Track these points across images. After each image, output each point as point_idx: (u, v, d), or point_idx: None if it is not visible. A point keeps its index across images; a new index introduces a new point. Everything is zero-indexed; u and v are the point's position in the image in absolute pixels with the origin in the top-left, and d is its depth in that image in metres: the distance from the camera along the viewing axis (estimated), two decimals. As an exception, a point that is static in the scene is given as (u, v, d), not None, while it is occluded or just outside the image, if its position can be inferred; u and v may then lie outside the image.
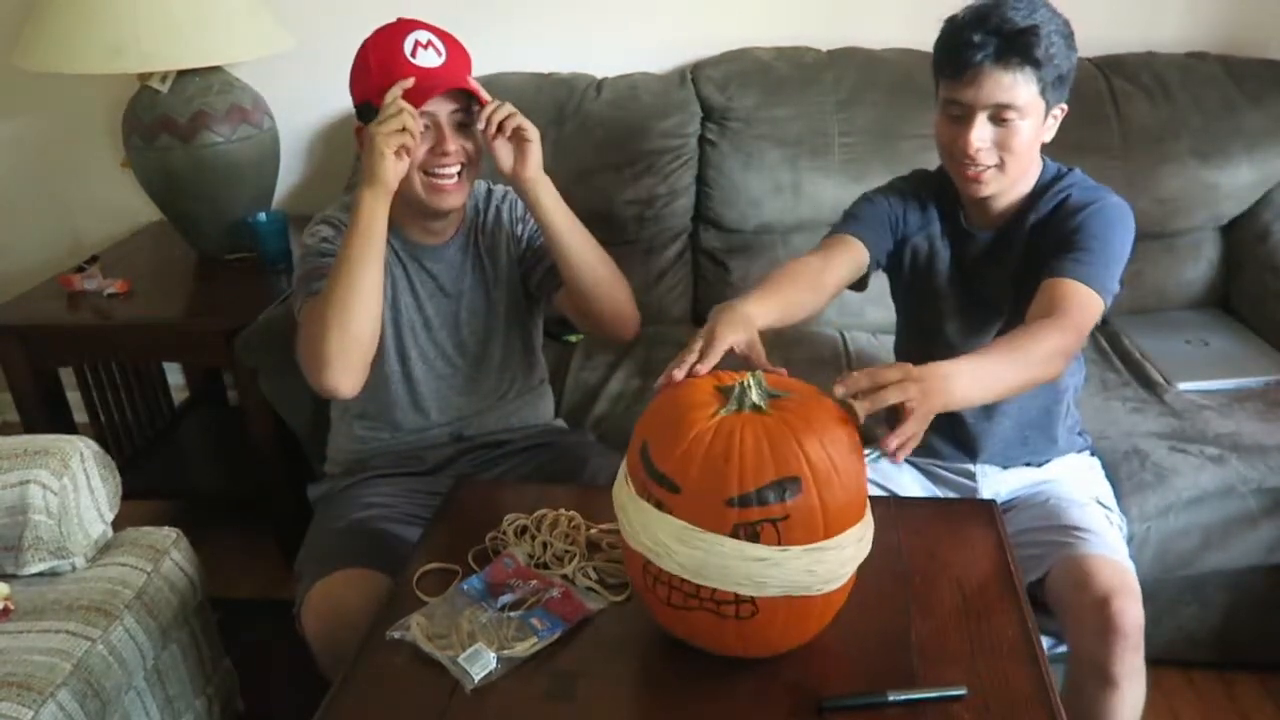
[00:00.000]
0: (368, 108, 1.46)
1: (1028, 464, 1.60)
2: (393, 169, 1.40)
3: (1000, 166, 1.39)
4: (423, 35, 1.45)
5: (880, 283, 1.84)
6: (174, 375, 2.77)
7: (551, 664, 1.11)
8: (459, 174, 1.48)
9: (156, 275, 2.31)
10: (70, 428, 2.23)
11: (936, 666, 1.07)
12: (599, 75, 2.36)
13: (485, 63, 2.40)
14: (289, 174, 2.54)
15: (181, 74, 2.19)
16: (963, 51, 1.33)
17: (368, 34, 1.50)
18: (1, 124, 2.67)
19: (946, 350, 1.53)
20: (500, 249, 1.65)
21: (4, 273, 2.71)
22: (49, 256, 2.65)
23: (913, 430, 1.09)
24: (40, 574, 1.53)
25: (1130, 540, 1.68)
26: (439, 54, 1.45)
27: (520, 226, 1.66)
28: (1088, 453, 1.66)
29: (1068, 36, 1.36)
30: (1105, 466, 1.69)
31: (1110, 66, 2.25)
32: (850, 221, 1.53)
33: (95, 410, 2.35)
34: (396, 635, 1.15)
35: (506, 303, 1.66)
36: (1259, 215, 2.22)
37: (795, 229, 2.26)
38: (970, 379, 1.17)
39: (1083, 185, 1.47)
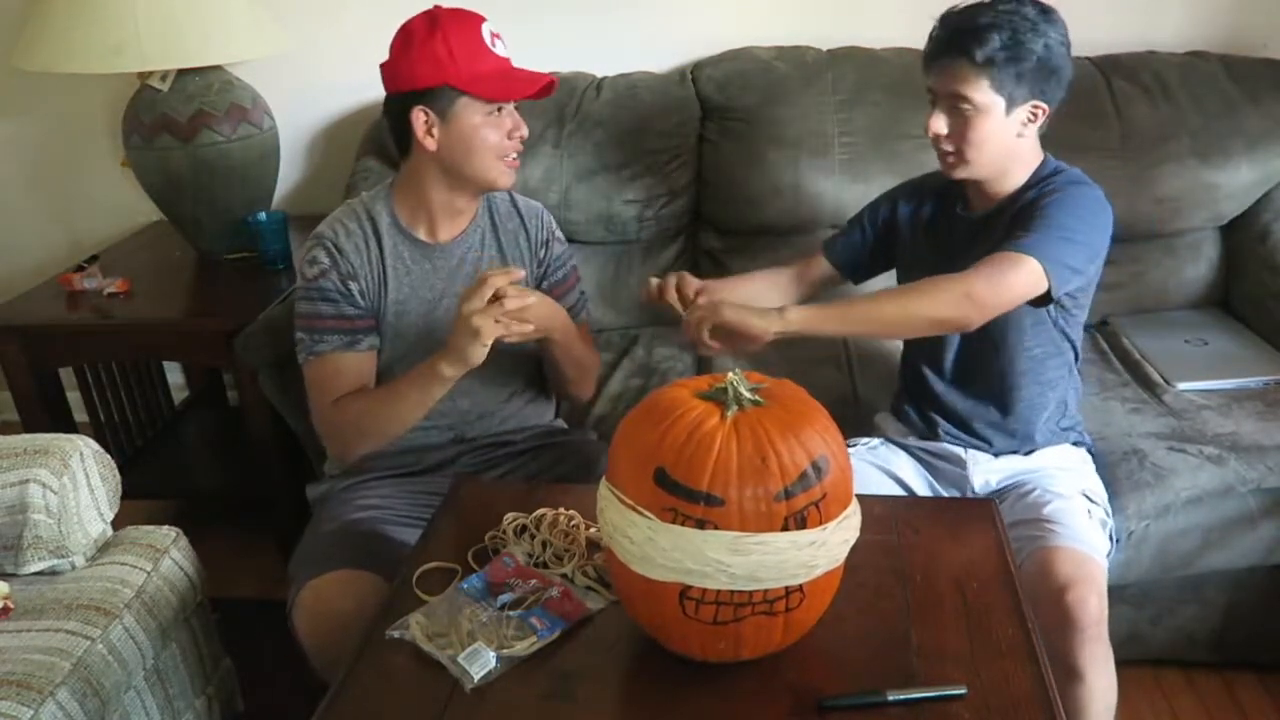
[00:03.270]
0: (446, 91, 1.47)
1: (1014, 452, 1.62)
2: (482, 354, 1.42)
3: (959, 153, 1.46)
4: (491, 27, 1.51)
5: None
6: (174, 375, 2.77)
7: (551, 663, 1.11)
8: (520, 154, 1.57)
9: (156, 275, 2.31)
10: (70, 427, 2.23)
11: (936, 666, 1.07)
12: (599, 75, 2.36)
13: (485, 62, 2.41)
14: (289, 174, 2.54)
15: (181, 73, 2.19)
16: (929, 42, 1.47)
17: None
18: (1, 124, 2.67)
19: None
20: (522, 261, 1.65)
21: (4, 273, 2.71)
22: (49, 256, 2.65)
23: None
24: (40, 573, 1.53)
25: (1129, 536, 1.68)
26: (506, 46, 1.52)
27: (544, 250, 1.67)
28: (1084, 449, 1.67)
29: (1038, 36, 1.40)
30: (1103, 466, 1.69)
31: (1110, 66, 2.25)
32: (833, 241, 1.73)
33: (95, 410, 2.35)
34: (396, 634, 1.15)
35: None
36: (1259, 215, 2.22)
37: (795, 229, 2.26)
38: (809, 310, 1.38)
39: (1068, 177, 1.51)
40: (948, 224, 1.60)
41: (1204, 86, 2.19)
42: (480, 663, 1.08)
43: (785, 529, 1.00)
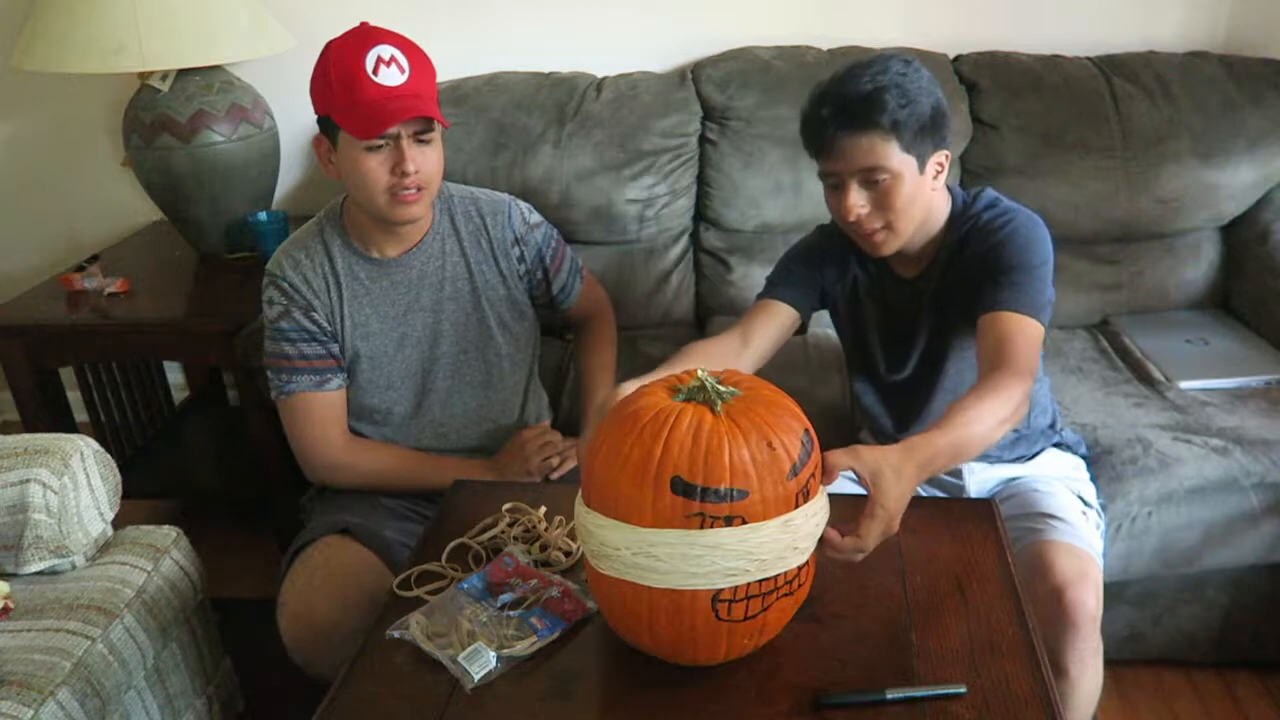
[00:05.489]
0: (329, 122, 1.46)
1: (1014, 460, 1.62)
2: (521, 477, 1.60)
3: (889, 227, 1.42)
4: (385, 50, 1.42)
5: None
6: (174, 375, 2.77)
7: (551, 663, 1.11)
8: (420, 188, 1.48)
9: (156, 275, 2.31)
10: (70, 427, 2.23)
11: (936, 666, 1.07)
12: (599, 75, 2.36)
13: (485, 62, 2.42)
14: (289, 174, 2.54)
15: (182, 73, 2.20)
16: (816, 128, 1.40)
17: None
18: (1, 124, 2.67)
19: (878, 372, 1.61)
20: (489, 263, 1.64)
21: (4, 273, 2.71)
22: (49, 256, 2.65)
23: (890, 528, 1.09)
24: (40, 573, 1.53)
25: (1131, 523, 1.69)
26: (401, 71, 1.42)
27: (519, 249, 1.65)
28: (1078, 457, 1.67)
29: (924, 87, 1.38)
30: (1106, 453, 1.71)
31: (1110, 66, 2.26)
32: (772, 287, 1.59)
33: (95, 410, 2.35)
34: (396, 634, 1.15)
35: (498, 324, 1.65)
36: (1259, 215, 2.22)
37: (795, 229, 2.25)
38: (948, 457, 1.19)
39: (991, 206, 1.48)
40: (886, 289, 1.57)
41: (1204, 86, 2.19)
42: (480, 663, 1.08)
43: (797, 504, 1.03)
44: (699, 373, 1.06)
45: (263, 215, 2.30)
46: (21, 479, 1.49)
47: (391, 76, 1.41)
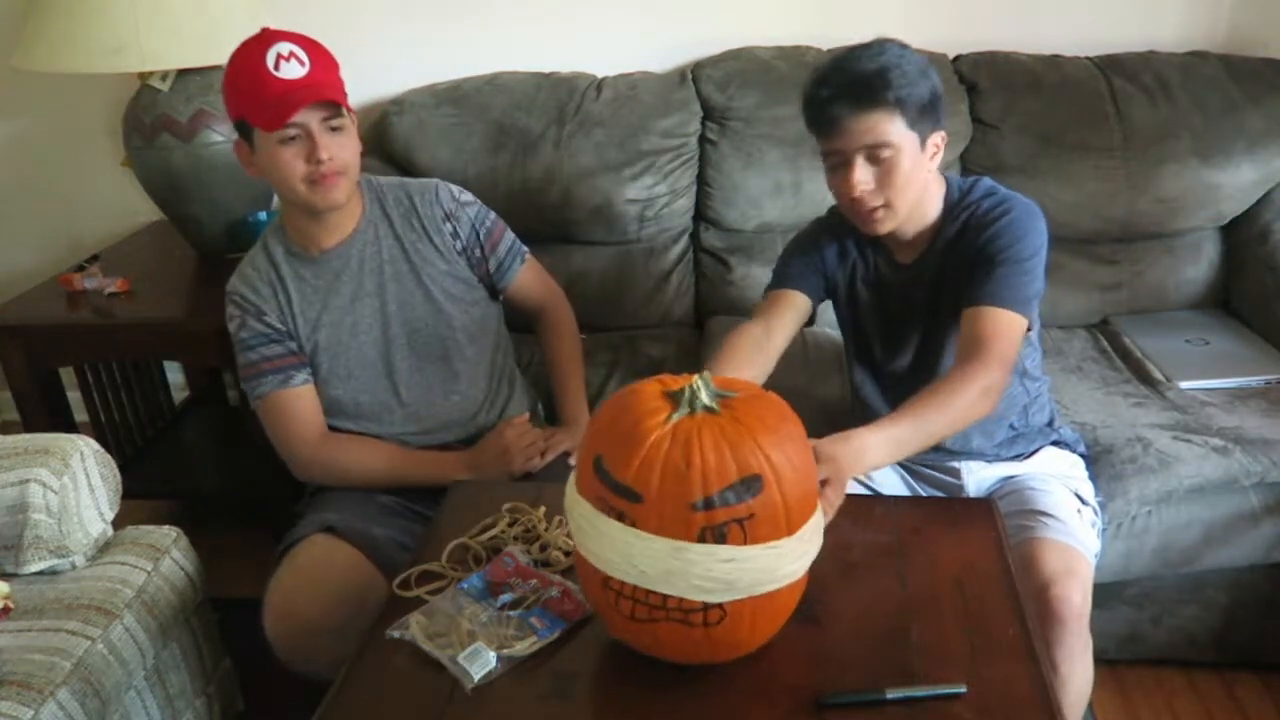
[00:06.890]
0: (244, 124, 1.50)
1: (1012, 458, 1.62)
2: (502, 477, 1.60)
3: (888, 205, 1.44)
4: (284, 47, 1.47)
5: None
6: (174, 375, 2.77)
7: (551, 663, 1.11)
8: (338, 174, 1.51)
9: (156, 275, 2.31)
10: (70, 427, 2.22)
11: (936, 665, 1.07)
12: (599, 75, 2.36)
13: (485, 62, 2.42)
14: (289, 174, 2.54)
15: (182, 73, 2.20)
16: (820, 107, 1.42)
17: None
18: (1, 124, 2.67)
19: (876, 361, 1.63)
20: (423, 241, 1.66)
21: (4, 273, 2.71)
22: (49, 256, 2.65)
23: (833, 498, 1.16)
24: (40, 573, 1.53)
25: (1131, 522, 1.70)
26: (302, 64, 1.47)
27: (450, 224, 1.68)
28: (1077, 455, 1.67)
29: (922, 69, 1.41)
30: (1105, 452, 1.71)
31: (1110, 66, 2.26)
32: (782, 277, 1.61)
33: (95, 410, 2.35)
34: (396, 635, 1.15)
35: (445, 297, 1.67)
36: (1259, 215, 2.22)
37: (795, 228, 2.22)
38: (886, 446, 1.26)
39: (989, 195, 1.49)
40: (883, 275, 1.58)
41: (1204, 86, 2.19)
42: (480, 663, 1.08)
43: (702, 540, 0.98)
44: (695, 379, 1.04)
45: (263, 215, 2.30)
46: (21, 479, 1.49)
47: (292, 70, 1.47)
